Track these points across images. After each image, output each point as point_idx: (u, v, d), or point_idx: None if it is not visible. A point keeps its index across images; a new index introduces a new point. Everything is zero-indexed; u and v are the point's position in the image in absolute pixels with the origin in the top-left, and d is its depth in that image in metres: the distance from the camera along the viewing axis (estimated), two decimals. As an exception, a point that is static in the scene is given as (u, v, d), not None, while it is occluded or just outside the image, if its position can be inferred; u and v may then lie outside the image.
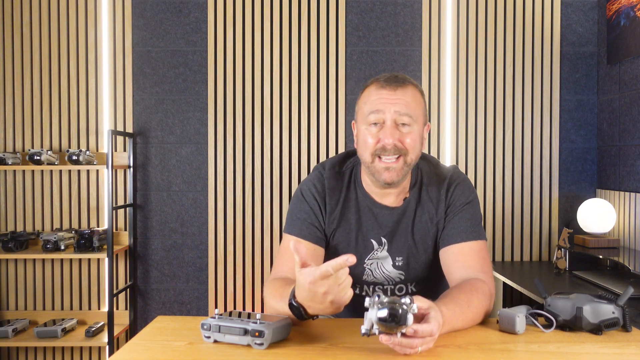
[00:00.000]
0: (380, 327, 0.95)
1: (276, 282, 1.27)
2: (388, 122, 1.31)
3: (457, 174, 1.44)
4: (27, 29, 2.92)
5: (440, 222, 1.40)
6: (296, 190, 1.47)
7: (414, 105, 1.33)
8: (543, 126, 2.91)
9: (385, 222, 1.41)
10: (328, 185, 1.42)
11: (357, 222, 1.41)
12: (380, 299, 0.96)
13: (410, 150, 1.32)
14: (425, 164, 1.47)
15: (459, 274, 1.30)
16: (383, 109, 1.31)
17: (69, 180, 2.94)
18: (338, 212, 1.41)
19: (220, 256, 2.92)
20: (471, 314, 1.17)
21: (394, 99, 1.31)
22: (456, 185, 1.41)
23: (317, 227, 1.40)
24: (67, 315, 2.93)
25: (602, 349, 1.07)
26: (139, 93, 2.93)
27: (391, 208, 1.41)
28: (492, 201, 2.92)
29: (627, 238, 2.63)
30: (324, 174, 1.44)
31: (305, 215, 1.41)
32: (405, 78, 1.36)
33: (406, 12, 2.91)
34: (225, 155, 2.92)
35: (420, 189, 1.43)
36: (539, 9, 2.90)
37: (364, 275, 1.44)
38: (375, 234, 1.41)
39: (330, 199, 1.41)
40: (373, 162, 1.33)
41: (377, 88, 1.33)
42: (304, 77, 2.91)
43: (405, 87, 1.33)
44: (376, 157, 1.32)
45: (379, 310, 0.94)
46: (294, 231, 1.40)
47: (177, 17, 2.92)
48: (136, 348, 1.07)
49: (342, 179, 1.44)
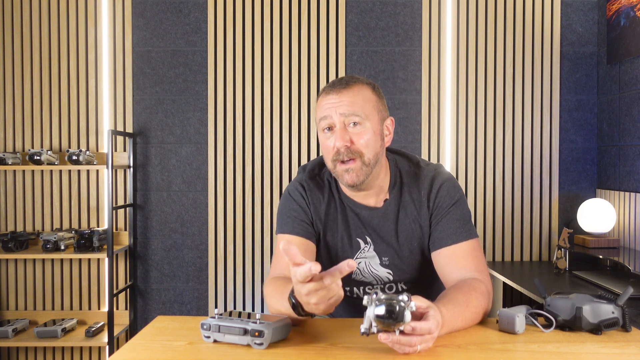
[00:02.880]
0: (378, 324, 0.95)
1: (276, 281, 1.28)
2: (337, 125, 1.30)
3: (439, 174, 1.40)
4: (27, 29, 2.92)
5: (425, 224, 1.38)
6: (284, 192, 1.48)
7: (362, 103, 1.31)
8: (543, 126, 2.91)
9: (368, 221, 1.41)
10: (308, 187, 1.43)
11: (342, 222, 1.42)
12: (378, 296, 0.96)
13: (365, 150, 1.30)
14: (406, 162, 1.44)
15: (454, 276, 1.29)
16: (330, 113, 1.31)
17: (69, 180, 2.94)
18: (323, 212, 1.42)
19: (220, 256, 2.92)
20: (470, 313, 1.17)
21: (338, 102, 1.30)
22: (440, 186, 1.38)
23: (308, 223, 1.41)
24: (67, 315, 2.93)
25: (602, 349, 1.07)
26: (139, 93, 2.93)
27: (372, 208, 1.41)
28: (492, 201, 2.92)
29: (627, 238, 2.63)
30: (303, 177, 1.45)
31: (294, 213, 1.41)
32: (351, 78, 1.35)
33: (406, 12, 2.91)
34: (225, 155, 2.92)
35: (401, 189, 1.41)
36: (539, 9, 2.90)
37: (353, 275, 1.43)
38: (360, 233, 1.41)
39: (313, 200, 1.42)
40: (335, 167, 1.33)
41: (324, 95, 1.34)
42: (304, 77, 2.91)
43: (350, 88, 1.32)
44: (337, 162, 1.32)
45: (377, 307, 0.94)
46: (286, 229, 1.40)
47: (177, 17, 2.92)
48: (136, 348, 1.07)
49: (322, 180, 1.45)
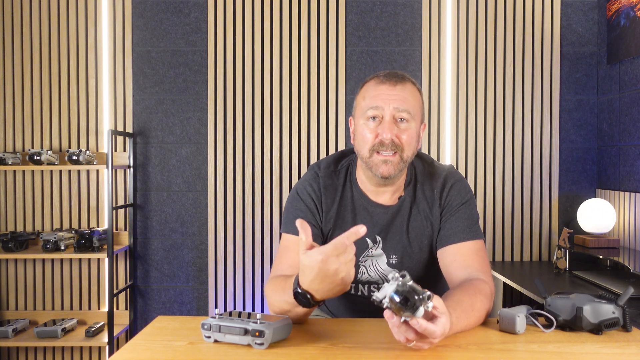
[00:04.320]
0: (390, 302, 0.95)
1: (277, 279, 1.28)
2: (387, 117, 1.31)
3: (452, 174, 1.43)
4: (27, 29, 2.92)
5: (435, 221, 1.40)
6: (292, 190, 1.47)
7: (413, 102, 1.33)
8: (543, 126, 2.91)
9: (380, 220, 1.41)
10: (324, 184, 1.42)
11: (352, 221, 1.42)
12: (405, 279, 0.95)
13: (406, 147, 1.32)
14: (420, 162, 1.46)
15: (458, 274, 1.30)
16: (382, 104, 1.31)
17: (69, 180, 2.94)
18: (334, 212, 1.42)
19: (220, 256, 2.92)
20: (474, 317, 1.17)
21: (392, 95, 1.31)
22: (452, 185, 1.40)
23: (315, 224, 1.41)
24: (67, 315, 2.93)
25: (602, 349, 1.07)
26: (139, 93, 2.93)
27: (386, 206, 1.41)
28: (492, 201, 2.92)
29: (627, 238, 2.63)
30: (319, 174, 1.44)
31: (302, 213, 1.41)
32: (404, 75, 1.36)
33: (406, 12, 2.91)
34: (225, 155, 2.92)
35: (415, 187, 1.43)
36: (539, 9, 2.90)
37: (359, 274, 1.43)
38: (370, 233, 1.41)
39: (326, 197, 1.42)
40: (371, 156, 1.33)
41: (376, 84, 1.34)
42: (304, 77, 2.91)
43: (404, 84, 1.33)
44: (374, 152, 1.32)
45: (394, 293, 0.94)
46: (292, 230, 1.39)
47: (177, 17, 2.92)
48: (136, 348, 1.07)
49: (338, 178, 1.44)
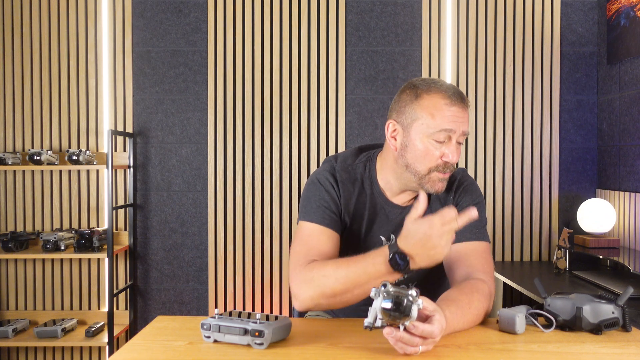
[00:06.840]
0: (384, 317, 0.94)
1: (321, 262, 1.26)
2: (454, 140, 1.30)
3: (464, 177, 1.46)
4: (27, 29, 2.92)
5: None
6: (310, 178, 1.45)
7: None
8: (543, 126, 2.91)
9: (395, 219, 1.42)
10: (340, 178, 1.42)
11: (368, 218, 1.42)
12: (386, 288, 0.95)
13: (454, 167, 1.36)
14: None
15: (460, 272, 1.31)
16: (456, 128, 1.29)
17: (69, 180, 2.94)
18: (352, 206, 1.41)
19: (220, 256, 2.92)
20: (472, 315, 1.18)
21: (462, 118, 1.30)
22: (464, 187, 1.43)
23: (336, 213, 1.39)
24: (67, 315, 2.93)
25: (602, 349, 1.07)
26: (139, 93, 2.93)
27: (402, 207, 1.42)
28: (492, 201, 2.92)
29: (627, 238, 2.63)
30: (335, 167, 1.43)
31: (324, 202, 1.39)
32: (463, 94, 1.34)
33: (406, 12, 2.91)
34: (225, 155, 2.92)
35: None
36: (539, 9, 2.90)
37: None
38: (385, 231, 1.42)
39: (343, 190, 1.41)
40: (429, 173, 1.32)
41: (448, 104, 1.29)
42: (304, 77, 2.91)
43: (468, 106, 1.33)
44: (435, 170, 1.32)
45: (384, 300, 0.93)
46: (315, 219, 1.37)
47: (177, 17, 2.92)
48: (136, 348, 1.07)
49: (355, 173, 1.44)
